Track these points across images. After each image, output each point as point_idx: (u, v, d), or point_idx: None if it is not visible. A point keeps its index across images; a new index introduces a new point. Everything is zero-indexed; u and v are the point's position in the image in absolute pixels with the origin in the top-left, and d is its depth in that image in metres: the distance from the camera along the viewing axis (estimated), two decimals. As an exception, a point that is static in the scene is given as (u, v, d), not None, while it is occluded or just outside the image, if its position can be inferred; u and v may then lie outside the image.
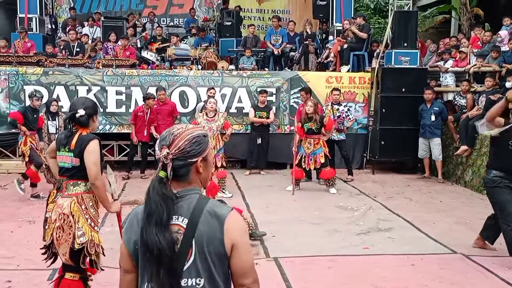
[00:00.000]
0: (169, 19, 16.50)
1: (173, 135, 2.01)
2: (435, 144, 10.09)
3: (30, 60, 11.12)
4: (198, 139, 2.04)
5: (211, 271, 1.93)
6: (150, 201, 1.92)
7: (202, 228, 1.92)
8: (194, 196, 2.00)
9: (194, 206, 1.96)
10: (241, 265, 1.98)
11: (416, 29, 11.39)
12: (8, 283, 4.84)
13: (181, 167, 1.99)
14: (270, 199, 8.35)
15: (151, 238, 1.88)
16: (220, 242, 1.93)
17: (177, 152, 1.98)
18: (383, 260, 5.64)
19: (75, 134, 3.84)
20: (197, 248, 1.92)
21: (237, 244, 1.95)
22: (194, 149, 2.01)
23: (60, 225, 3.77)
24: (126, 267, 2.07)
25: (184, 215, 1.95)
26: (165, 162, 1.96)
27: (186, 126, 2.08)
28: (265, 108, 10.62)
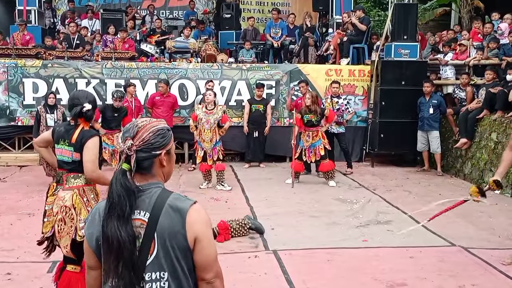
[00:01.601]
0: (168, 12, 16.43)
1: (137, 127, 2.01)
2: (433, 137, 10.09)
3: (29, 52, 11.09)
4: (162, 132, 2.04)
5: (174, 265, 1.93)
6: (112, 193, 1.90)
7: (164, 222, 1.91)
8: (156, 190, 1.99)
9: (156, 200, 1.94)
10: (204, 259, 1.97)
11: (416, 21, 11.35)
12: (8, 275, 4.85)
13: (145, 159, 1.98)
14: (270, 192, 8.35)
15: (112, 231, 1.86)
16: (182, 236, 1.91)
17: (141, 143, 1.97)
18: (382, 252, 5.65)
19: (76, 128, 3.83)
20: (160, 242, 1.91)
21: (200, 237, 1.94)
22: (158, 141, 2.01)
23: (62, 218, 3.77)
24: (89, 263, 2.05)
25: (145, 209, 1.93)
26: (129, 153, 1.95)
27: (150, 119, 2.08)
28: (261, 101, 10.60)
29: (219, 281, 2.02)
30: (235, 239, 6.00)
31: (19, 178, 9.40)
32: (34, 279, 4.77)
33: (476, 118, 9.54)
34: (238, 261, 5.30)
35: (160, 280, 1.93)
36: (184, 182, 9.13)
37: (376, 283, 4.78)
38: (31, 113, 10.72)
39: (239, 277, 4.83)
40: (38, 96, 10.70)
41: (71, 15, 14.18)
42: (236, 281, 4.73)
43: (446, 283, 4.77)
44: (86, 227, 2.03)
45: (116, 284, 1.89)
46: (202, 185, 8.68)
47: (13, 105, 10.69)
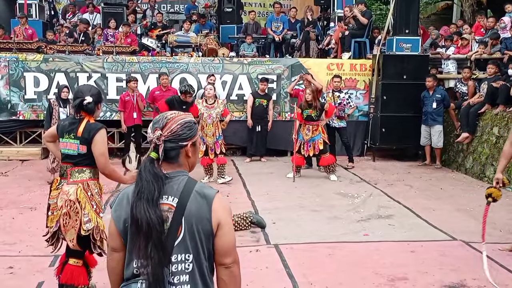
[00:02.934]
0: (169, 6, 16.40)
1: (167, 119, 2.12)
2: (436, 131, 10.06)
3: (30, 46, 11.08)
4: (189, 124, 2.15)
5: (198, 248, 2.03)
6: (141, 179, 2.01)
7: (191, 207, 2.02)
8: (183, 177, 2.10)
9: (183, 186, 2.06)
10: (225, 244, 2.08)
11: (417, 15, 11.30)
12: (10, 269, 4.87)
13: (172, 149, 2.10)
14: (271, 186, 8.36)
15: (141, 213, 1.95)
16: (208, 221, 2.03)
17: (169, 134, 2.09)
18: (383, 246, 5.66)
19: (81, 122, 3.84)
20: (187, 226, 2.02)
21: (222, 223, 2.06)
22: (185, 133, 2.12)
23: (67, 212, 3.79)
24: (114, 245, 2.12)
25: (173, 195, 2.04)
26: (157, 143, 2.06)
27: (178, 112, 2.19)
28: (265, 96, 10.59)
29: (237, 266, 2.15)
30: (236, 233, 5.97)
31: (20, 172, 9.41)
32: (36, 273, 4.78)
33: (477, 112, 9.52)
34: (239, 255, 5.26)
35: (185, 262, 2.03)
36: (186, 176, 9.12)
37: (377, 277, 4.79)
38: (32, 107, 10.75)
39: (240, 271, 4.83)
40: (40, 90, 10.71)
41: (73, 9, 14.15)
42: (238, 275, 4.74)
43: (447, 277, 4.78)
44: (113, 210, 2.11)
45: (144, 264, 1.96)
46: (204, 179, 8.68)
47: (14, 99, 10.69)
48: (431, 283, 4.67)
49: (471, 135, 9.60)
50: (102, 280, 4.50)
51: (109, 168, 3.88)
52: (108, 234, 2.15)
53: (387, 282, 4.68)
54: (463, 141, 9.70)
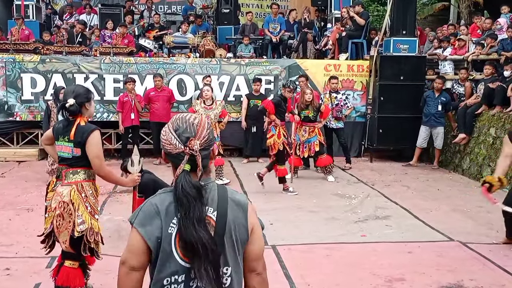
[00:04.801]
0: (166, 7, 16.40)
1: (195, 125, 1.95)
2: (439, 133, 10.02)
3: (27, 47, 11.05)
4: (210, 126, 2.03)
5: (236, 258, 1.95)
6: (185, 195, 1.84)
7: (230, 217, 1.93)
8: (213, 185, 1.98)
9: (218, 196, 1.94)
10: (257, 250, 2.00)
11: (415, 16, 11.33)
12: (6, 270, 4.86)
13: (206, 157, 1.96)
14: (268, 187, 8.34)
15: (194, 235, 1.82)
16: (245, 229, 1.95)
17: (204, 142, 1.94)
18: (380, 247, 5.67)
19: (73, 124, 3.82)
20: (226, 236, 1.91)
21: (255, 228, 1.99)
22: (214, 137, 2.02)
23: (60, 213, 3.78)
24: (136, 264, 1.91)
25: (210, 205, 1.92)
26: (195, 154, 1.89)
27: (192, 114, 2.03)
28: (259, 96, 10.57)
29: (265, 273, 2.05)
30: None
31: (17, 174, 9.39)
32: (33, 274, 4.77)
33: (474, 113, 9.54)
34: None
35: (224, 276, 1.92)
36: (183, 177, 9.11)
37: (374, 278, 4.79)
38: (29, 108, 10.72)
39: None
40: (36, 91, 10.68)
41: (70, 10, 14.14)
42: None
43: (444, 278, 4.79)
44: (140, 224, 1.89)
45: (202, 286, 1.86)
46: (201, 180, 8.66)
47: (11, 100, 10.66)
48: (428, 283, 4.68)
49: (468, 136, 9.61)
50: (99, 282, 4.51)
51: (105, 170, 3.87)
52: (130, 251, 1.92)
53: (384, 283, 4.68)
54: (460, 142, 9.71)
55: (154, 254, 1.89)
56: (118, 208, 7.01)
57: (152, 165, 9.59)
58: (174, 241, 1.87)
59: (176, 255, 1.87)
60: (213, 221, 1.90)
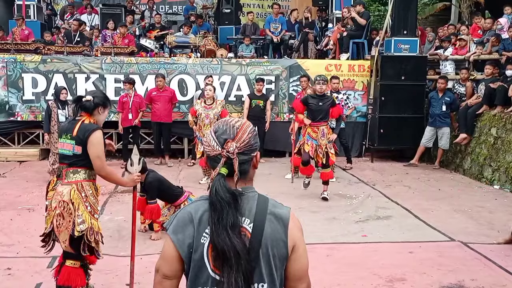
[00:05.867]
0: (167, 7, 16.41)
1: (235, 127, 1.89)
2: (444, 133, 9.99)
3: (28, 47, 11.06)
4: (255, 132, 1.95)
5: (273, 275, 1.83)
6: (219, 201, 1.77)
7: (267, 230, 1.82)
8: (253, 194, 1.89)
9: (256, 207, 1.85)
10: (300, 268, 1.89)
11: (416, 16, 11.33)
12: (8, 270, 4.86)
13: (245, 162, 1.88)
14: (269, 187, 8.33)
15: (226, 242, 1.74)
16: (284, 245, 1.84)
17: (242, 145, 1.86)
18: (381, 247, 5.66)
19: (78, 122, 3.85)
20: (262, 251, 1.81)
21: (297, 245, 1.88)
22: (256, 142, 1.92)
23: (60, 213, 3.78)
24: (169, 272, 1.86)
25: (246, 216, 1.83)
26: (232, 157, 1.83)
27: (236, 118, 1.97)
28: (261, 96, 10.55)
29: None
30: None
31: (18, 174, 9.39)
32: (34, 274, 4.78)
33: (475, 113, 9.53)
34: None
35: None
36: (184, 177, 9.13)
37: (375, 278, 4.79)
38: (30, 108, 10.73)
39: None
40: (38, 91, 10.69)
41: (71, 10, 14.15)
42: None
43: (445, 278, 4.78)
44: (173, 232, 1.84)
45: None
46: (202, 180, 8.68)
47: (12, 100, 10.67)
48: (429, 283, 4.68)
49: (469, 136, 9.60)
50: (100, 282, 4.51)
51: (106, 170, 3.87)
52: (163, 259, 1.87)
53: (385, 283, 4.68)
54: (461, 142, 9.70)
55: (186, 263, 1.84)
56: (119, 208, 7.02)
57: (153, 165, 9.59)
58: (206, 252, 1.80)
59: (208, 266, 1.81)
60: (248, 233, 1.81)
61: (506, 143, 8.64)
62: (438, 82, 10.13)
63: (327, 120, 7.83)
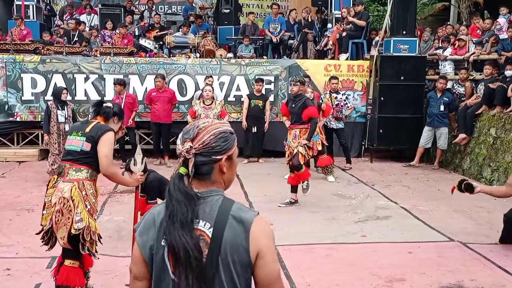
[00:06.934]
0: (167, 7, 16.41)
1: (198, 128, 1.86)
2: (442, 133, 10.00)
3: (27, 47, 11.06)
4: (224, 135, 1.88)
5: (234, 281, 1.78)
6: (171, 199, 1.77)
7: (227, 235, 1.77)
8: (217, 198, 1.84)
9: (218, 210, 1.80)
10: (267, 276, 1.81)
11: (415, 17, 11.34)
12: (7, 270, 4.86)
13: (204, 164, 1.83)
14: (269, 188, 8.35)
15: (177, 239, 1.72)
16: (245, 251, 1.77)
17: (200, 146, 1.82)
18: (380, 248, 5.66)
19: (92, 122, 3.98)
20: (221, 256, 1.76)
21: (263, 252, 1.79)
22: (220, 145, 1.85)
23: (59, 209, 3.80)
24: (137, 273, 1.89)
25: (206, 220, 1.79)
26: (187, 157, 1.81)
27: (212, 120, 1.93)
28: (261, 96, 10.56)
29: None
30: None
31: (18, 174, 9.39)
32: (33, 274, 4.78)
33: (475, 113, 9.54)
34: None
35: None
36: (183, 177, 9.11)
37: (374, 278, 4.79)
38: (29, 109, 10.73)
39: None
40: (37, 92, 10.69)
41: (70, 10, 14.15)
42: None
43: (444, 278, 4.79)
44: (139, 234, 1.86)
45: None
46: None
47: (11, 100, 10.67)
48: (428, 284, 4.68)
49: (469, 136, 9.61)
50: (100, 282, 4.50)
51: (112, 170, 3.91)
52: (132, 260, 1.90)
53: (384, 283, 4.68)
54: (460, 142, 9.71)
55: (149, 265, 1.84)
56: (118, 209, 7.02)
57: (153, 165, 9.59)
58: (167, 254, 1.78)
59: (169, 269, 1.79)
60: (208, 237, 1.76)
61: (505, 143, 8.65)
62: (438, 82, 10.14)
63: (302, 123, 7.40)
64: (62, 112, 8.34)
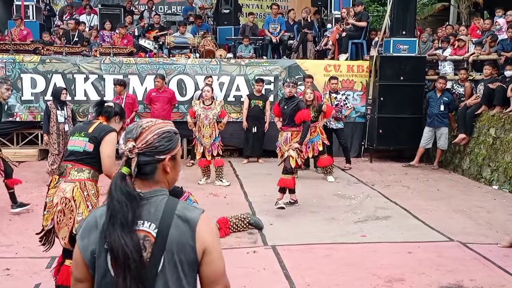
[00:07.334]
0: (166, 7, 16.41)
1: (141, 128, 1.85)
2: (443, 133, 9.98)
3: (27, 48, 11.06)
4: (168, 134, 1.87)
5: (181, 280, 1.78)
6: (113, 200, 1.74)
7: (173, 235, 1.76)
8: (161, 198, 1.82)
9: (163, 211, 1.78)
10: (213, 272, 1.82)
11: (414, 17, 11.34)
12: (6, 270, 4.86)
13: (147, 164, 1.82)
14: (268, 187, 8.32)
15: (116, 241, 1.70)
16: (191, 249, 1.77)
17: (143, 146, 1.81)
18: (380, 248, 5.66)
19: (95, 122, 3.99)
20: (167, 256, 1.75)
21: (209, 249, 1.80)
22: (163, 145, 1.85)
23: (61, 209, 3.81)
24: (79, 276, 1.85)
25: (151, 220, 1.77)
26: (130, 156, 1.79)
27: (156, 120, 1.92)
28: (261, 97, 10.56)
29: None
30: (234, 235, 6.01)
31: (17, 174, 9.25)
32: (33, 274, 4.78)
33: (474, 113, 9.54)
34: (236, 256, 5.31)
35: None
36: (183, 177, 9.11)
37: (374, 278, 4.79)
38: (29, 109, 10.73)
39: (238, 272, 4.83)
40: (36, 92, 10.69)
41: (70, 10, 14.14)
42: (235, 276, 4.73)
43: (444, 278, 4.79)
44: (80, 237, 1.83)
45: None
46: (201, 180, 8.69)
47: (11, 100, 10.63)
48: (428, 284, 4.68)
49: (468, 136, 9.61)
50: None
51: (114, 170, 3.90)
52: (73, 263, 1.87)
53: (384, 283, 4.68)
54: (460, 142, 9.71)
55: (90, 268, 1.81)
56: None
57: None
58: (109, 257, 1.76)
59: (112, 271, 1.76)
60: (152, 237, 1.75)
61: (505, 143, 8.65)
62: (438, 82, 10.14)
63: (294, 125, 7.24)
64: (61, 112, 8.34)
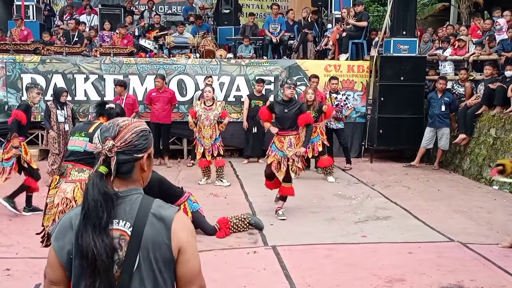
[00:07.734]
0: (167, 7, 16.41)
1: (119, 126, 1.83)
2: (444, 134, 9.97)
3: (27, 48, 11.07)
4: (145, 133, 1.87)
5: (156, 279, 1.77)
6: (88, 200, 1.73)
7: (148, 233, 1.75)
8: (136, 196, 1.82)
9: (138, 209, 1.78)
10: (188, 271, 1.81)
11: (415, 17, 11.33)
12: (7, 271, 4.85)
13: (126, 163, 1.81)
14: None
15: (87, 241, 1.69)
16: (167, 247, 1.76)
17: (122, 145, 1.81)
18: (381, 248, 5.66)
19: (95, 123, 4.02)
20: (142, 255, 1.75)
21: (184, 247, 1.79)
22: (141, 144, 1.84)
23: (62, 210, 3.81)
24: (53, 278, 1.82)
25: (126, 219, 1.76)
26: (109, 155, 1.78)
27: (131, 119, 1.90)
28: (261, 97, 10.56)
29: None
30: (234, 235, 6.01)
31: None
32: (33, 274, 4.77)
33: (475, 114, 9.54)
34: (237, 256, 5.31)
35: None
36: (183, 178, 9.13)
37: (374, 278, 4.79)
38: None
39: (238, 272, 4.84)
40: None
41: (70, 10, 14.14)
42: (235, 276, 4.75)
43: (444, 279, 4.78)
44: (54, 238, 1.80)
45: None
46: (201, 181, 8.68)
47: (11, 100, 10.67)
48: (428, 284, 4.67)
49: (468, 137, 9.61)
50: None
51: None
52: (48, 265, 1.83)
53: (384, 284, 4.68)
54: (460, 143, 9.71)
55: (67, 270, 1.79)
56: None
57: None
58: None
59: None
60: (128, 236, 1.74)
61: (505, 143, 8.65)
62: (438, 83, 10.14)
63: (296, 129, 6.88)
64: (61, 112, 8.35)
